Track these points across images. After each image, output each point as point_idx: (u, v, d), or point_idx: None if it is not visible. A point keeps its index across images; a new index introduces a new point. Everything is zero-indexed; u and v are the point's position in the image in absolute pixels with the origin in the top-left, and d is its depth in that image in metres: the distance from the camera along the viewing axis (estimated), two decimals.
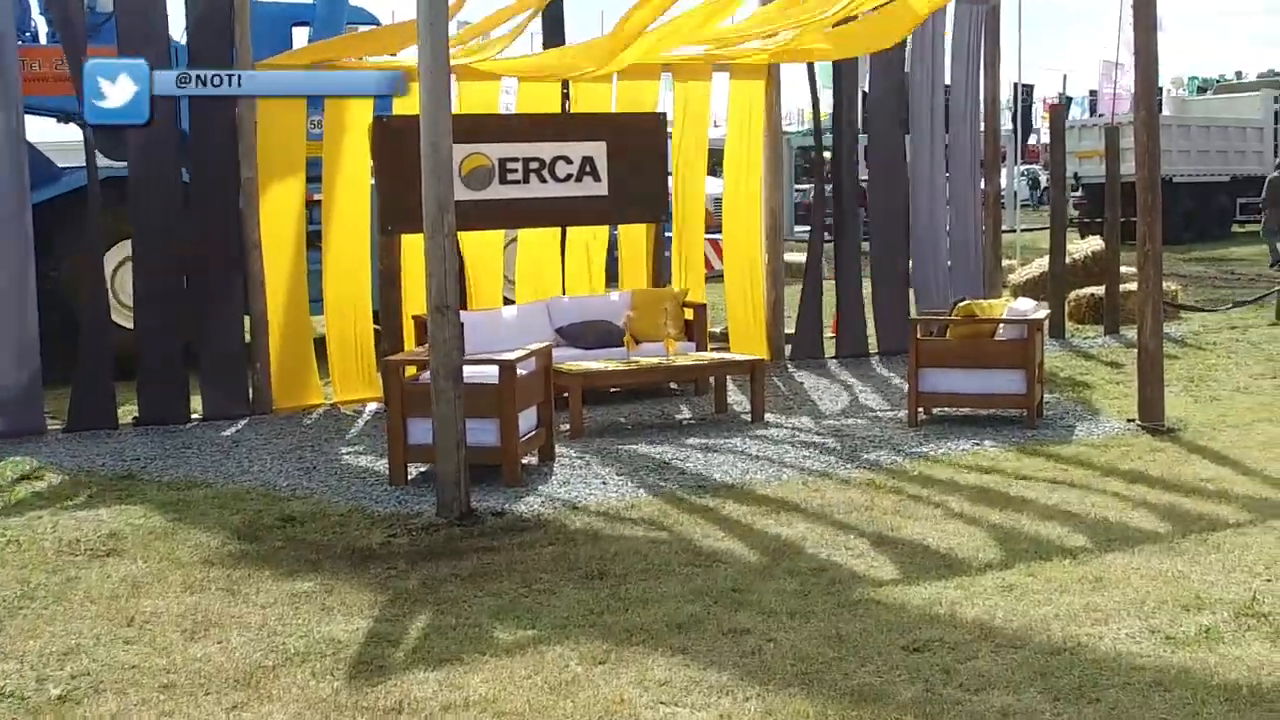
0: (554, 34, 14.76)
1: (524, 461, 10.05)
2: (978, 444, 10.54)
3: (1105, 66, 43.88)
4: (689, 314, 13.09)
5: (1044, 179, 42.85)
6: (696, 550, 7.85)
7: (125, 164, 12.49)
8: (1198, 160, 33.46)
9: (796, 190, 31.74)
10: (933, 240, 15.22)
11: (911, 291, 15.36)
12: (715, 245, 17.25)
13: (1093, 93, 49.02)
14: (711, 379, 12.26)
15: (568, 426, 11.18)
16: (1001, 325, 11.30)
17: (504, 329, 12.74)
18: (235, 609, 7.10)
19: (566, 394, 11.12)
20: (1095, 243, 20.85)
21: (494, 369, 9.56)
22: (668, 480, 9.64)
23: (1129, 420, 11.20)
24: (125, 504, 9.35)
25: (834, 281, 15.16)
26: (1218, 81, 50.51)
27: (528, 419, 9.95)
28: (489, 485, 9.49)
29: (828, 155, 16.08)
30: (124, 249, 14.16)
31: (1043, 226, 36.80)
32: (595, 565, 7.60)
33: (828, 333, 15.41)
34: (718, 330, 15.76)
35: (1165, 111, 35.94)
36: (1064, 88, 56.85)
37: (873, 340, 15.24)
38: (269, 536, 8.50)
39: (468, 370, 9.63)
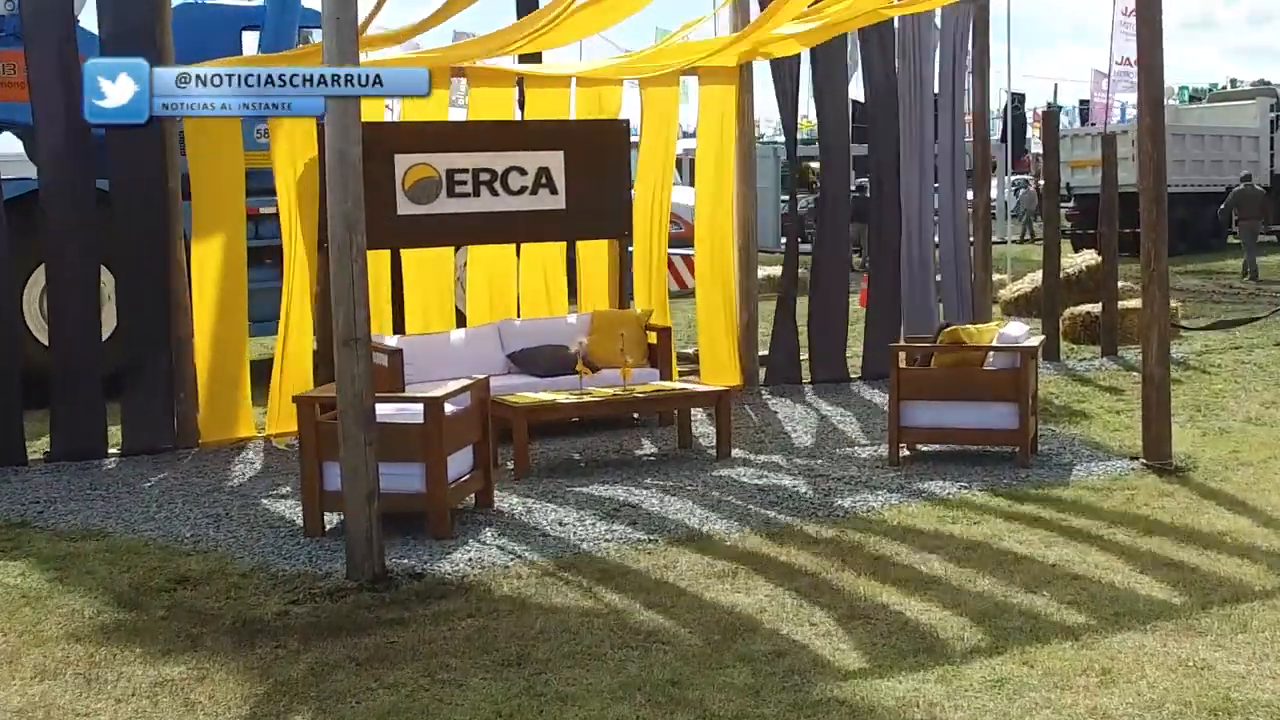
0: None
1: (460, 506, 8.88)
2: (965, 487, 9.33)
3: (1096, 76, 42.78)
4: (652, 338, 11.89)
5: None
6: (635, 628, 6.63)
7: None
8: (1192, 170, 32.27)
9: (783, 200, 30.48)
10: (922, 258, 14.02)
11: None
12: (688, 261, 16.06)
13: (1083, 102, 47.93)
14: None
15: (513, 464, 10.00)
16: (991, 353, 10.09)
17: (451, 354, 11.56)
18: (85, 703, 5.90)
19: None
20: (1090, 256, 19.67)
21: (418, 407, 8.36)
22: (616, 531, 8.43)
23: (1132, 458, 10.00)
24: (7, 559, 8.16)
25: (809, 297, 13.93)
26: (1210, 91, 49.33)
27: (461, 461, 8.76)
28: (413, 538, 8.30)
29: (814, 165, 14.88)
30: None
31: (1036, 238, 35.80)
32: (515, 647, 6.38)
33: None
34: (690, 352, 14.58)
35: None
36: (1055, 97, 55.72)
37: (856, 363, 14.05)
38: (153, 603, 7.30)
39: (389, 409, 8.47)
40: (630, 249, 12.88)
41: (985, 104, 14.22)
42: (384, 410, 8.48)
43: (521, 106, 12.76)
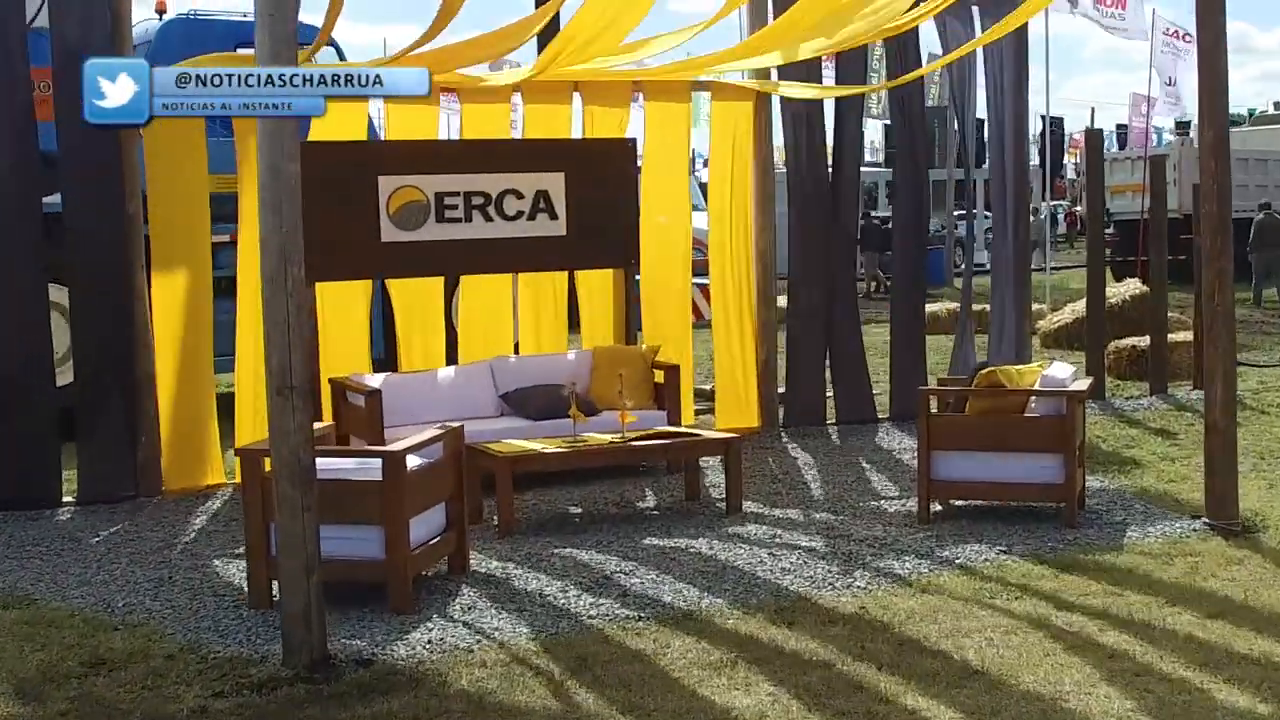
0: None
1: (427, 573, 7.74)
2: (1004, 551, 8.12)
3: (1135, 100, 41.43)
4: (660, 376, 10.72)
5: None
6: None
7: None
8: (1236, 194, 30.89)
9: None
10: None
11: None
12: (705, 291, 14.86)
13: (1121, 127, 46.61)
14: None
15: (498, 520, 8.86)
16: (1033, 398, 8.88)
17: (438, 395, 10.43)
18: None
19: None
20: (1133, 285, 18.37)
21: (376, 462, 7.21)
22: (603, 605, 7.26)
23: (1193, 516, 8.77)
24: None
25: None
26: (1251, 115, 47.88)
27: (429, 522, 7.61)
28: (370, 611, 7.17)
29: None
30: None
31: (1073, 265, 34.37)
32: None
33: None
34: (709, 388, 13.41)
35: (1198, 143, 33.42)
36: (1091, 122, 54.32)
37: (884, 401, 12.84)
38: (57, 694, 6.18)
39: (342, 464, 7.35)
40: (638, 278, 11.71)
41: (1025, 128, 12.99)
42: (338, 465, 7.37)
43: (518, 124, 11.65)
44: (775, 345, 12.33)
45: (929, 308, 18.41)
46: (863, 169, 13.00)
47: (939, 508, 9.09)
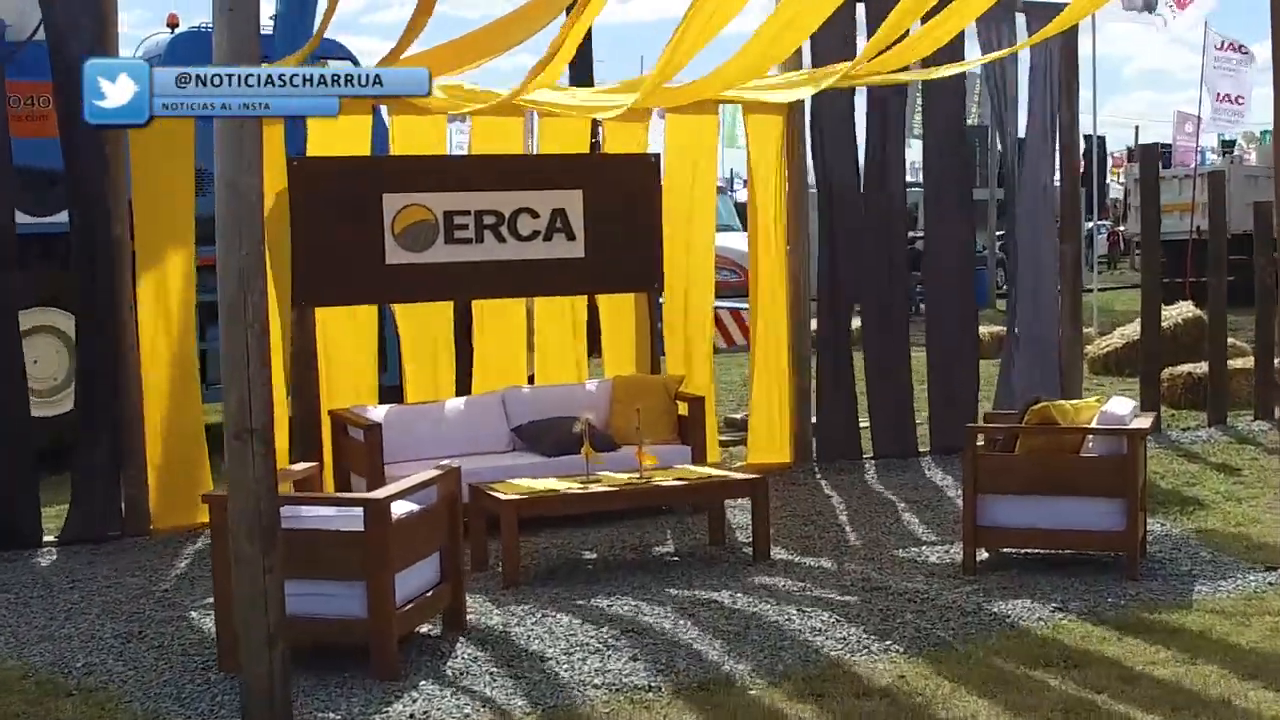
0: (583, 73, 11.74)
1: (421, 630, 6.95)
2: (1059, 608, 7.25)
3: (1180, 118, 40.34)
4: (684, 409, 9.89)
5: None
6: None
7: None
8: None
9: None
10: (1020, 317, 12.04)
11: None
12: (737, 315, 14.07)
13: (1165, 145, 45.48)
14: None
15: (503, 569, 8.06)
16: (1090, 436, 8.01)
17: (445, 429, 9.65)
18: None
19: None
20: (1186, 309, 17.41)
21: (358, 510, 6.41)
22: (610, 670, 6.44)
23: (1269, 568, 7.89)
24: None
25: (864, 358, 11.87)
26: None
27: (420, 575, 6.81)
28: (351, 677, 6.37)
29: None
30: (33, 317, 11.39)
31: (1116, 286, 33.34)
32: None
33: (864, 419, 12.13)
34: (740, 417, 12.59)
35: (1251, 160, 32.44)
36: (1136, 140, 53.17)
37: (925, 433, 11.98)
38: None
39: (319, 513, 6.58)
40: (661, 302, 10.90)
41: (1075, 142, 12.11)
42: (316, 514, 6.60)
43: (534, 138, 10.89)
44: (809, 373, 11.47)
45: None
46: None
47: (986, 556, 8.23)
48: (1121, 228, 41.30)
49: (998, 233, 30.90)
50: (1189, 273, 23.29)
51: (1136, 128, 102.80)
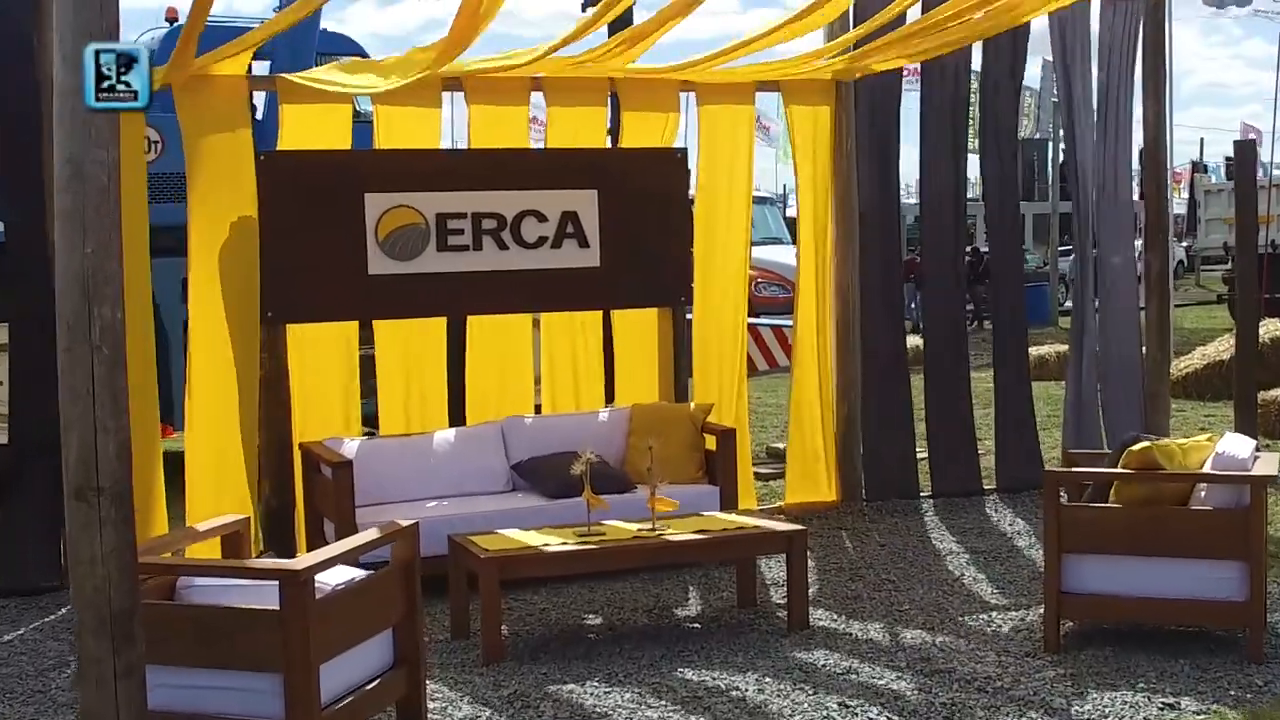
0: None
1: None
2: (1169, 705, 5.68)
3: (1246, 129, 38.52)
4: (711, 442, 8.37)
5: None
6: None
7: None
8: None
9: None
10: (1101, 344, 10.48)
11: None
12: (780, 333, 12.52)
13: (1229, 158, 43.62)
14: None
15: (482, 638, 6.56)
16: (1202, 484, 6.44)
17: (436, 464, 8.19)
18: None
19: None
20: (1274, 326, 15.71)
21: (273, 585, 4.94)
22: None
23: None
24: None
25: (924, 384, 10.29)
26: None
27: (363, 660, 5.32)
28: None
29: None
30: None
31: (1184, 304, 31.48)
32: None
33: (922, 450, 10.57)
34: (781, 447, 11.06)
35: None
36: (1201, 154, 51.25)
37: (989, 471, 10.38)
38: None
39: (228, 586, 5.13)
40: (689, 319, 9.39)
41: (1161, 133, 10.46)
42: (221, 586, 5.15)
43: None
44: (857, 399, 9.91)
45: (1036, 350, 15.93)
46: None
47: (1071, 625, 6.66)
48: (1185, 243, 39.43)
49: (1061, 247, 29.28)
50: (1265, 288, 21.56)
51: (1201, 139, 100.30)
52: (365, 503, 7.73)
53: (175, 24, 12.46)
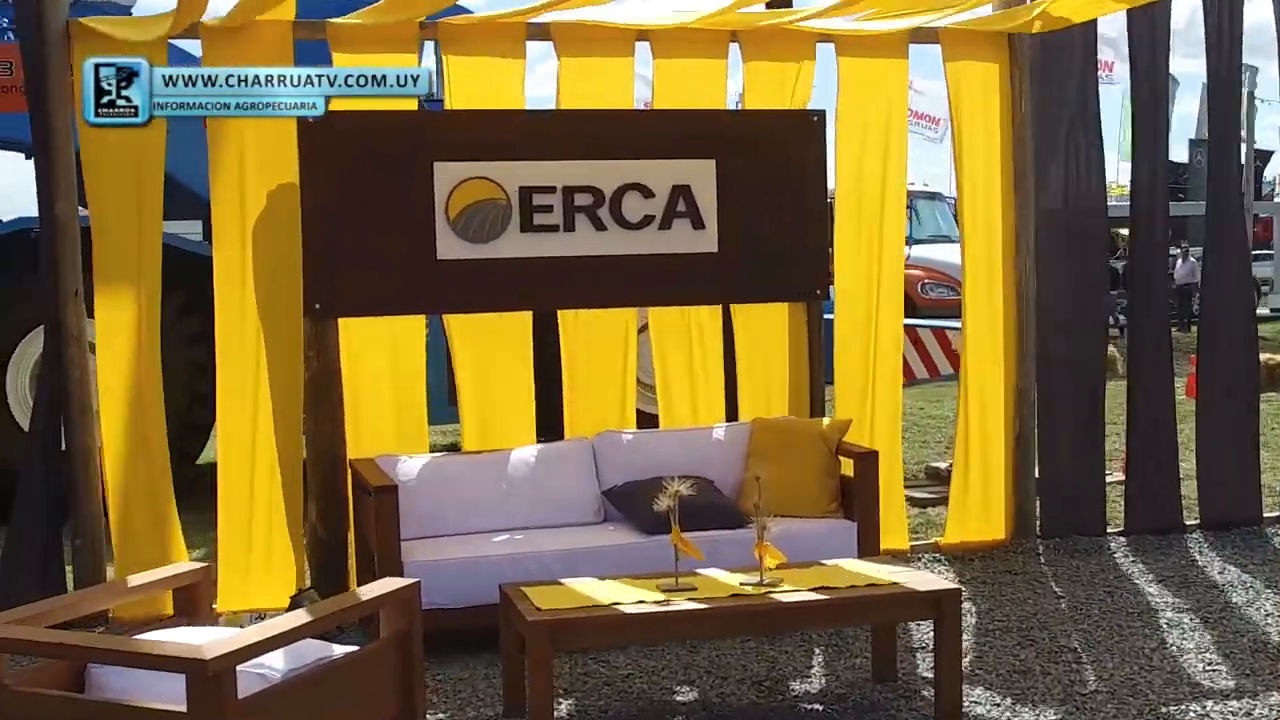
0: None
1: None
2: None
3: None
4: (848, 466, 6.69)
5: None
6: None
7: None
8: None
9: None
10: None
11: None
12: (941, 337, 10.76)
13: None
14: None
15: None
16: None
17: (510, 488, 6.65)
18: None
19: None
20: None
21: (179, 680, 3.44)
22: None
23: None
24: None
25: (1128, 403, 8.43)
26: None
27: None
28: None
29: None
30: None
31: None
32: None
33: (1112, 475, 8.79)
34: (944, 468, 9.34)
35: None
36: None
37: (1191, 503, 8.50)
38: None
39: (127, 680, 3.65)
40: (829, 318, 7.70)
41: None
42: (123, 679, 3.68)
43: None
44: (1033, 419, 8.10)
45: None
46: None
47: None
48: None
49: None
50: None
51: None
52: (419, 534, 6.27)
53: None
